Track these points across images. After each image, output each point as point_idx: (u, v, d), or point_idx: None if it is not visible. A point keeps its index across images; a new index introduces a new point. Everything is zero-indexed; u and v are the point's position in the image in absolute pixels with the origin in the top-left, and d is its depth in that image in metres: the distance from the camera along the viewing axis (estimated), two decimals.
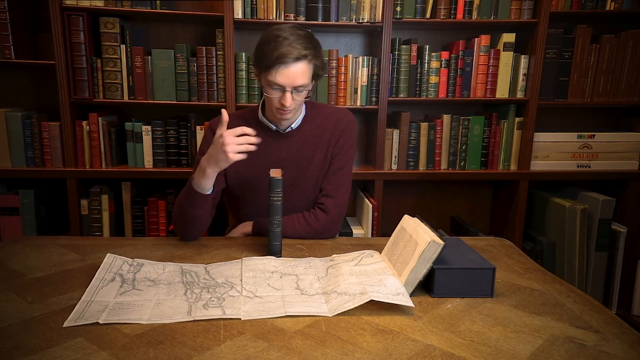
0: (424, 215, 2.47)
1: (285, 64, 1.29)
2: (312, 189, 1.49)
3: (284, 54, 1.28)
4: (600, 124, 2.46)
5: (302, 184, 1.48)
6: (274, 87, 1.33)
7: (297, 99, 1.36)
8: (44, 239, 1.37)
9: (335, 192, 1.46)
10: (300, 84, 1.32)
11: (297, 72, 1.30)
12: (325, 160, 1.48)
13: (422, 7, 2.08)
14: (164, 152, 2.12)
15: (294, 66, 1.30)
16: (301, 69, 1.31)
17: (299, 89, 1.34)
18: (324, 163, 1.48)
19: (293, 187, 1.47)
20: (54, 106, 2.08)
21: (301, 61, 1.30)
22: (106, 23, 1.98)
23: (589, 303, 1.02)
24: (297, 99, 1.35)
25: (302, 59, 1.30)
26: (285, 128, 1.47)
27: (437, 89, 2.16)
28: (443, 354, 0.82)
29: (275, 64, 1.29)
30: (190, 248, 1.30)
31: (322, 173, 1.49)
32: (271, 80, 1.32)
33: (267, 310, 0.94)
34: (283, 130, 1.47)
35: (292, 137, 1.48)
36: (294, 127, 1.48)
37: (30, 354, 0.79)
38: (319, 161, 1.48)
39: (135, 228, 2.17)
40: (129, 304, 0.96)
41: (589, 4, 2.10)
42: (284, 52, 1.28)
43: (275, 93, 1.34)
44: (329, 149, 1.48)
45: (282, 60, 1.28)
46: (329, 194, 1.46)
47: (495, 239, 1.43)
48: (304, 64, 1.31)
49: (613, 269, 2.27)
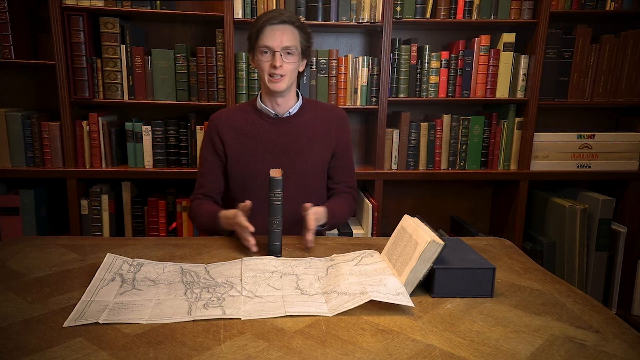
0: (424, 215, 2.47)
1: (272, 25, 1.40)
2: (311, 176, 1.54)
3: (271, 16, 1.42)
4: (600, 124, 2.46)
5: (298, 171, 1.52)
6: (264, 51, 1.42)
7: (287, 63, 1.43)
8: (44, 239, 1.37)
9: (354, 184, 1.65)
10: (289, 44, 1.41)
11: (285, 32, 1.41)
12: (325, 151, 1.55)
13: (422, 7, 2.08)
14: (164, 152, 2.12)
15: (281, 27, 1.41)
16: (288, 31, 1.42)
17: (288, 50, 1.42)
18: (323, 154, 1.55)
19: (290, 173, 1.50)
20: (54, 106, 2.08)
21: (287, 24, 1.42)
22: (106, 23, 1.98)
23: (589, 303, 1.02)
24: (287, 62, 1.43)
25: (287, 22, 1.42)
26: (283, 113, 1.52)
27: (437, 89, 2.16)
28: (443, 354, 0.82)
29: (263, 26, 1.41)
30: (190, 248, 1.30)
31: (320, 163, 1.55)
32: (261, 45, 1.42)
33: (267, 310, 0.94)
34: (281, 116, 1.52)
35: (290, 122, 1.53)
36: (292, 112, 1.53)
37: (30, 354, 0.79)
38: (319, 152, 1.54)
39: (135, 228, 2.17)
40: (129, 303, 0.96)
41: (589, 4, 2.10)
42: (271, 15, 1.42)
43: (266, 57, 1.43)
44: (330, 143, 1.55)
45: (270, 21, 1.41)
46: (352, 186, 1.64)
47: (495, 239, 1.43)
48: (291, 27, 1.42)
49: (613, 269, 2.27)
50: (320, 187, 1.60)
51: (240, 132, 1.53)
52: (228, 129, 1.54)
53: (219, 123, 1.55)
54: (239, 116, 1.56)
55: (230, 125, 1.54)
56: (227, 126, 1.54)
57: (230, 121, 1.55)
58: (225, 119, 1.56)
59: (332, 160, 1.59)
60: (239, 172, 1.53)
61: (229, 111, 1.60)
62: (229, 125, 1.54)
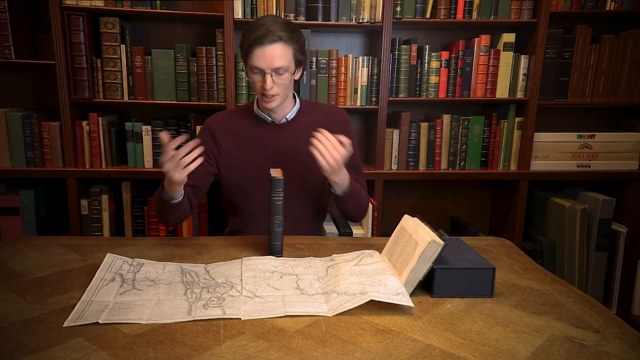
0: (424, 215, 2.47)
1: (262, 45, 1.34)
2: (310, 181, 1.50)
3: (261, 35, 1.34)
4: (600, 124, 2.46)
5: (298, 176, 1.49)
6: (255, 71, 1.38)
7: (279, 82, 1.38)
8: (44, 239, 1.37)
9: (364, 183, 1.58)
10: (279, 65, 1.35)
11: (274, 53, 1.35)
12: None
13: (422, 7, 2.08)
14: None
15: (270, 47, 1.34)
16: (278, 50, 1.35)
17: (278, 71, 1.37)
18: None
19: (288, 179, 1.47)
20: (54, 106, 2.08)
21: (277, 43, 1.35)
22: (106, 23, 1.98)
23: (589, 303, 1.02)
24: (278, 82, 1.38)
25: (277, 41, 1.34)
26: (280, 119, 1.50)
27: (437, 89, 2.16)
28: (443, 354, 0.82)
29: (252, 46, 1.35)
30: (190, 248, 1.30)
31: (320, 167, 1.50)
32: (251, 64, 1.37)
33: (267, 310, 0.94)
34: (278, 122, 1.49)
35: (287, 128, 1.50)
36: (289, 118, 1.50)
37: (30, 354, 0.79)
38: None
39: (135, 228, 2.17)
40: (129, 303, 0.96)
41: (589, 4, 2.10)
42: (260, 34, 1.34)
43: (257, 77, 1.38)
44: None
45: (259, 41, 1.34)
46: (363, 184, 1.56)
47: (495, 239, 1.43)
48: (281, 45, 1.35)
49: (613, 269, 2.27)
50: (320, 193, 1.56)
51: (237, 138, 1.51)
52: (225, 134, 1.51)
53: (215, 127, 1.52)
54: (236, 121, 1.53)
55: (228, 131, 1.51)
56: (224, 131, 1.51)
57: (228, 126, 1.52)
58: (222, 123, 1.53)
59: None
60: (235, 178, 1.51)
61: (225, 115, 1.57)
62: (226, 130, 1.51)
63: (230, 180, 1.51)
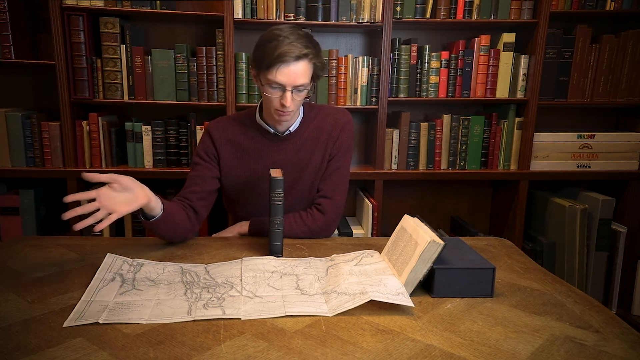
0: (424, 215, 2.47)
1: (287, 63, 1.28)
2: (310, 190, 1.49)
3: (285, 52, 1.27)
4: (600, 124, 2.46)
5: (299, 186, 1.47)
6: (274, 86, 1.32)
7: (297, 99, 1.34)
8: (44, 239, 1.37)
9: (333, 193, 1.45)
10: (301, 83, 1.31)
11: (298, 71, 1.30)
12: (322, 161, 1.47)
13: (422, 7, 2.08)
14: (164, 152, 2.12)
15: (295, 65, 1.29)
16: (302, 68, 1.30)
17: (299, 89, 1.33)
18: (321, 164, 1.47)
19: (290, 189, 1.46)
20: (54, 106, 2.08)
21: (302, 60, 1.29)
22: (106, 23, 1.98)
23: (589, 303, 1.02)
24: (297, 99, 1.34)
25: (303, 58, 1.29)
26: (283, 131, 1.46)
27: (437, 89, 2.16)
28: (443, 354, 0.82)
29: (276, 63, 1.28)
30: (190, 248, 1.30)
31: (319, 174, 1.48)
32: (272, 80, 1.30)
33: (267, 310, 0.94)
34: (281, 134, 1.46)
35: (290, 139, 1.47)
36: (292, 129, 1.46)
37: (30, 354, 0.79)
38: (316, 162, 1.47)
39: (135, 228, 2.17)
40: (129, 303, 0.96)
41: (589, 4, 2.10)
42: (285, 50, 1.27)
43: (276, 92, 1.33)
44: (326, 150, 1.47)
45: (283, 58, 1.27)
46: (326, 195, 1.45)
47: (495, 239, 1.43)
48: (305, 63, 1.30)
49: (613, 269, 2.27)
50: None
51: (238, 148, 1.47)
52: (225, 143, 1.46)
53: (216, 134, 1.46)
54: (238, 129, 1.48)
55: (229, 139, 1.47)
56: (225, 139, 1.46)
57: (229, 134, 1.47)
58: (223, 130, 1.48)
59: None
60: (234, 186, 1.48)
61: (227, 122, 1.50)
62: (227, 138, 1.47)
63: (230, 188, 1.50)
